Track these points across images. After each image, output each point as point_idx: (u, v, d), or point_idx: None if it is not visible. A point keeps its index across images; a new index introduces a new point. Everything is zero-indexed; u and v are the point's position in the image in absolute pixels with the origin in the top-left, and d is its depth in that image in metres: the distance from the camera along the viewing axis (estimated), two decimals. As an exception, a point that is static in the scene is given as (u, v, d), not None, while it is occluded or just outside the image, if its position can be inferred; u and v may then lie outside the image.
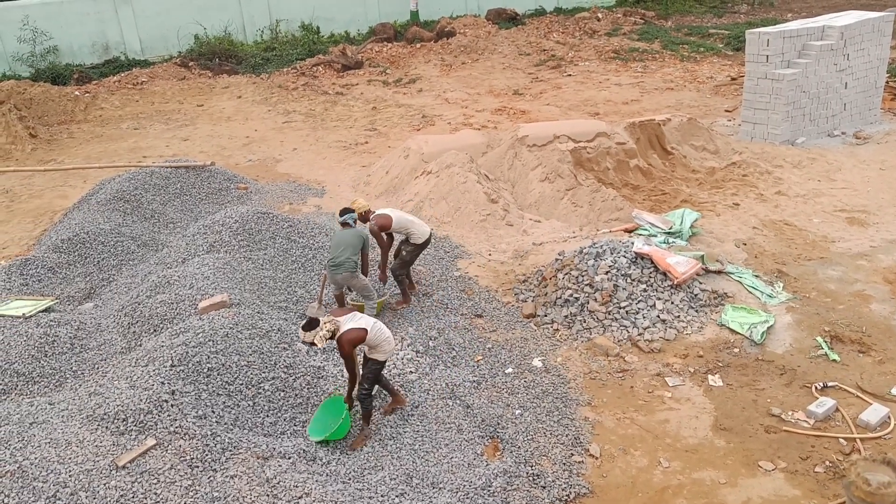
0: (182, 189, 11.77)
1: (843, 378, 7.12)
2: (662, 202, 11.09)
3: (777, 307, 8.24)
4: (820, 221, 10.33)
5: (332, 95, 18.90)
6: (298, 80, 20.18)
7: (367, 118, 16.93)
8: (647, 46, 21.85)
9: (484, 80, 19.72)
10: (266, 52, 22.59)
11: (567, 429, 6.59)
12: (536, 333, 8.12)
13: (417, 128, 15.97)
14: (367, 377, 6.34)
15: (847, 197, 11.07)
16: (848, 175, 11.87)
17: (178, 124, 17.24)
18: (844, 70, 13.41)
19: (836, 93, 13.50)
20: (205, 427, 5.88)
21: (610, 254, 8.50)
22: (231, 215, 9.44)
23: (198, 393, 6.28)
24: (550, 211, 10.96)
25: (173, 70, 21.15)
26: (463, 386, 7.07)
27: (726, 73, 18.70)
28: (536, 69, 20.46)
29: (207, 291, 7.97)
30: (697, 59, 20.49)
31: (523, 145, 11.76)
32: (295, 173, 13.67)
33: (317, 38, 23.55)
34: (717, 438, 6.49)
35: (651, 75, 19.16)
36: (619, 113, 15.86)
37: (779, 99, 12.97)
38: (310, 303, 8.56)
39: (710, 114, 15.54)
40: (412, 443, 6.34)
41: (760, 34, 13.07)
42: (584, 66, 20.49)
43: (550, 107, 16.82)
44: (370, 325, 6.28)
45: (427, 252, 9.93)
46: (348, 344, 6.12)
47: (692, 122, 12.99)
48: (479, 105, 17.35)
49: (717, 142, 12.96)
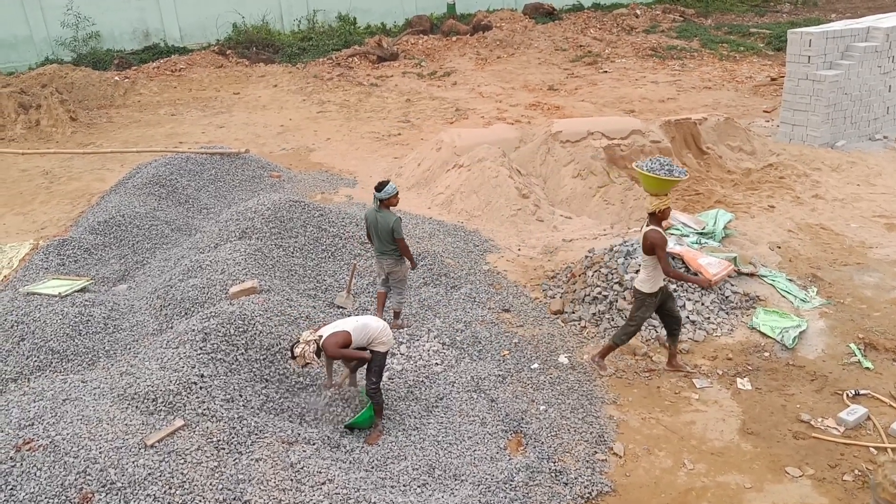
0: (216, 175, 11.92)
1: (876, 386, 6.99)
2: (696, 202, 10.97)
3: (810, 312, 8.11)
4: (858, 227, 10.13)
5: (367, 87, 18.96)
6: (334, 70, 20.29)
7: (401, 110, 16.96)
8: (685, 44, 21.58)
9: (519, 74, 19.64)
10: (303, 41, 22.74)
11: (591, 426, 6.56)
12: (563, 330, 8.09)
13: (451, 121, 15.96)
14: (374, 370, 6.31)
15: (887, 202, 10.84)
16: (888, 180, 11.62)
17: (214, 111, 17.44)
18: (889, 73, 13.11)
19: (880, 96, 13.21)
20: (232, 410, 5.96)
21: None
22: (263, 203, 9.53)
23: (226, 376, 6.37)
24: (582, 208, 10.90)
25: (211, 58, 21.40)
26: (488, 380, 7.06)
27: (766, 73, 18.40)
28: (572, 65, 20.32)
29: (238, 277, 8.07)
30: (737, 58, 20.18)
31: (556, 141, 11.70)
32: (328, 163, 13.76)
33: (353, 29, 23.65)
34: (743, 442, 6.41)
35: (689, 74, 18.92)
36: (655, 111, 15.69)
37: (819, 100, 12.73)
38: (338, 292, 8.62)
39: (747, 114, 15.30)
40: (436, 434, 6.36)
41: (803, 34, 12.83)
42: (620, 62, 20.30)
43: (585, 103, 16.70)
44: (352, 326, 6.22)
45: (457, 245, 9.95)
46: (333, 347, 6.06)
47: (729, 121, 12.81)
48: (513, 100, 17.29)
49: (755, 143, 12.77)
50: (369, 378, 6.36)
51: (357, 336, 6.22)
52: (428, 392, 6.91)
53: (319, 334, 6.15)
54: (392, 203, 7.69)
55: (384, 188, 7.58)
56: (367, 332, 6.29)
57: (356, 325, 6.28)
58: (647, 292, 6.87)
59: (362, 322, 6.36)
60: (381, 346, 6.38)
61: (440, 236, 10.19)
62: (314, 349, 6.02)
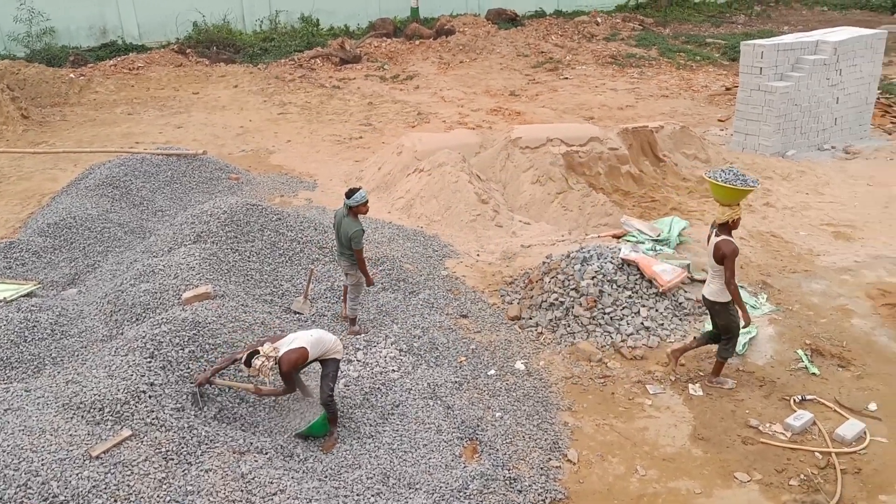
0: (172, 177, 11.74)
1: (821, 392, 7.16)
2: (652, 209, 11.13)
3: (760, 318, 8.28)
4: (806, 234, 10.38)
5: (329, 89, 18.86)
6: (296, 71, 20.14)
7: (363, 113, 16.90)
8: (644, 53, 21.89)
9: (481, 79, 19.72)
10: (264, 42, 22.52)
11: (546, 433, 6.60)
12: (520, 336, 8.13)
13: (413, 125, 15.96)
14: (331, 377, 6.29)
15: (834, 211, 11.13)
16: (836, 189, 11.93)
17: (172, 111, 17.18)
18: (836, 85, 13.48)
19: (828, 107, 13.57)
20: (182, 420, 5.87)
21: (597, 259, 8.52)
22: (220, 206, 9.40)
23: (177, 385, 6.27)
24: (540, 213, 10.98)
25: (170, 56, 21.07)
26: (445, 386, 7.06)
27: (721, 82, 18.76)
28: (534, 71, 20.47)
29: (192, 282, 7.95)
30: (693, 67, 20.54)
31: (516, 147, 11.77)
32: (288, 165, 13.65)
33: (316, 31, 23.50)
34: (694, 448, 6.52)
35: (647, 82, 19.19)
36: (614, 118, 15.89)
37: (771, 111, 13.02)
38: (295, 297, 8.55)
39: (703, 123, 15.58)
40: (391, 442, 6.34)
41: (755, 46, 13.12)
42: (581, 69, 20.51)
43: (546, 109, 16.84)
44: (308, 341, 6.20)
45: (416, 250, 9.95)
46: (287, 364, 6.02)
47: (685, 130, 13.03)
48: (474, 104, 17.35)
49: (709, 151, 13.01)
50: (326, 384, 6.33)
51: (313, 350, 6.21)
52: (384, 399, 6.88)
53: (278, 349, 6.09)
54: (361, 211, 7.64)
55: (354, 195, 7.53)
56: (322, 345, 6.30)
57: (311, 340, 6.26)
58: (724, 301, 6.87)
59: (316, 336, 6.35)
60: (337, 355, 6.41)
61: (399, 241, 10.17)
62: (272, 364, 5.96)
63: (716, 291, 6.89)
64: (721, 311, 6.96)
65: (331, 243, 9.29)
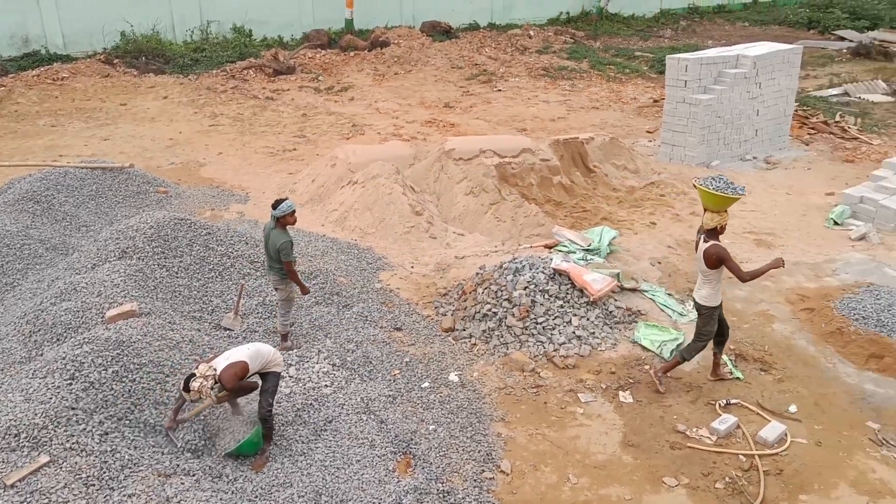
0: (97, 191, 11.39)
1: (745, 396, 7.40)
2: (583, 219, 11.33)
3: (687, 325, 8.50)
4: (730, 242, 10.69)
5: (262, 100, 18.62)
6: (228, 82, 19.81)
7: (297, 125, 16.74)
8: (575, 65, 22.34)
9: (416, 91, 19.77)
10: (195, 52, 22.08)
11: (480, 444, 6.63)
12: (454, 348, 8.16)
13: (347, 136, 15.88)
14: (270, 391, 6.21)
15: (756, 219, 11.55)
16: (758, 198, 12.38)
17: (98, 123, 16.68)
18: (756, 98, 14.01)
19: (749, 119, 14.09)
20: (104, 443, 5.68)
21: (529, 269, 8.62)
22: (146, 220, 9.16)
23: (99, 407, 6.06)
24: (474, 225, 11.05)
25: (97, 67, 20.48)
26: (378, 400, 7.03)
27: (649, 94, 19.28)
28: (468, 83, 20.64)
29: (116, 300, 7.72)
30: (623, 80, 21.05)
31: (450, 158, 11.84)
32: (219, 178, 13.40)
33: (249, 42, 23.17)
34: (624, 454, 6.64)
35: (578, 94, 19.58)
36: (546, 130, 16.14)
37: (695, 123, 13.45)
38: (225, 313, 8.38)
39: (632, 134, 15.97)
40: (323, 459, 6.26)
41: (679, 60, 13.54)
42: (514, 81, 20.79)
43: (479, 121, 16.99)
44: (246, 354, 6.12)
45: (350, 263, 9.89)
46: (231, 380, 5.92)
47: (614, 141, 13.33)
48: (409, 116, 17.38)
49: (638, 162, 13.34)
50: (265, 399, 6.24)
51: (253, 364, 6.12)
52: (316, 415, 6.80)
53: (215, 367, 5.96)
54: (288, 222, 7.56)
55: (279, 205, 7.47)
56: (261, 357, 6.22)
57: (250, 353, 6.16)
58: (712, 306, 7.13)
59: (254, 349, 6.26)
60: (277, 367, 6.36)
61: (333, 254, 10.10)
62: (211, 384, 5.84)
63: (706, 296, 7.14)
64: (705, 315, 7.20)
65: (262, 257, 9.16)
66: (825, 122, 16.31)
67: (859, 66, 22.47)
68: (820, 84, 20.32)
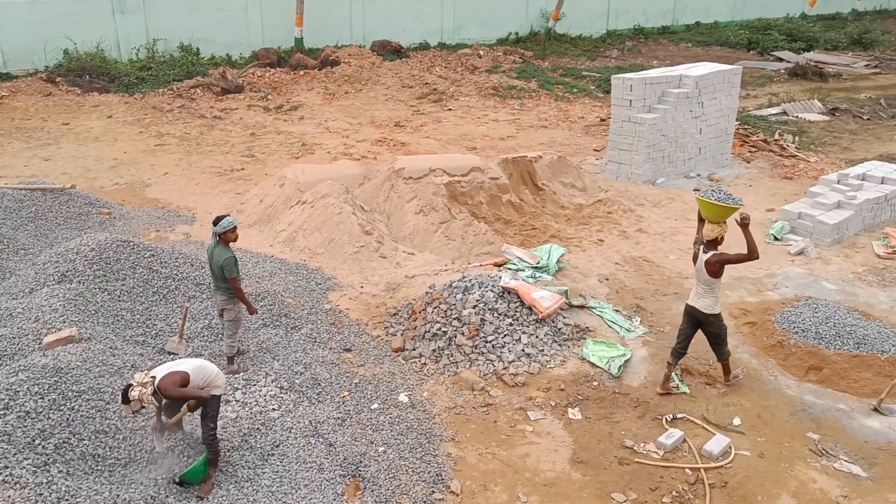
0: (37, 213, 11.07)
1: (690, 410, 7.52)
2: (532, 237, 11.43)
3: (634, 341, 8.64)
4: (675, 258, 10.94)
5: (210, 119, 18.39)
6: (174, 101, 19.52)
7: (245, 144, 16.57)
8: (524, 85, 22.63)
9: (366, 110, 19.77)
10: (141, 71, 21.71)
11: (429, 465, 6.60)
12: (404, 368, 8.12)
13: (297, 156, 15.77)
14: (211, 416, 6.07)
15: (701, 236, 11.78)
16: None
17: (39, 143, 16.24)
18: (699, 117, 14.38)
19: (692, 137, 14.44)
20: (39, 475, 5.48)
21: (478, 288, 8.65)
22: (87, 243, 8.94)
23: (35, 436, 5.85)
24: (424, 244, 11.06)
25: (38, 85, 19.99)
26: (327, 423, 6.95)
27: (596, 114, 19.62)
28: (418, 102, 20.73)
29: (55, 325, 7.50)
30: (571, 99, 21.40)
31: (399, 177, 11.85)
32: (165, 199, 13.16)
33: (196, 60, 22.88)
34: (574, 471, 6.68)
35: (527, 113, 19.82)
36: (496, 148, 16.28)
37: (641, 141, 13.73)
38: (170, 337, 8.21)
39: (579, 152, 16.22)
40: (270, 484, 6.15)
41: (625, 80, 13.83)
42: (464, 101, 20.95)
43: (430, 140, 17.06)
44: (190, 366, 6.00)
45: (298, 284, 9.79)
46: (173, 386, 5.78)
47: (562, 159, 13.51)
48: (360, 135, 17.36)
49: (585, 179, 13.53)
50: (206, 425, 6.09)
51: (195, 377, 5.97)
52: (263, 440, 6.69)
53: (153, 375, 5.82)
54: (230, 238, 7.46)
55: (220, 222, 7.40)
56: (204, 373, 6.08)
57: (194, 366, 6.03)
58: (718, 312, 7.52)
59: (199, 363, 6.14)
60: (217, 390, 6.19)
61: (281, 275, 9.99)
62: (151, 391, 5.69)
63: (711, 304, 7.48)
64: (714, 322, 7.55)
65: (208, 279, 9.00)
66: (765, 140, 16.82)
67: (796, 86, 23.27)
68: (760, 103, 20.98)
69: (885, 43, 30.70)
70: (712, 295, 7.43)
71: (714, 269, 7.24)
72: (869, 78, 25.11)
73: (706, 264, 7.27)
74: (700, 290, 7.48)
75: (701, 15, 33.66)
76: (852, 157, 16.06)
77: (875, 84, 24.14)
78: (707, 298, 7.45)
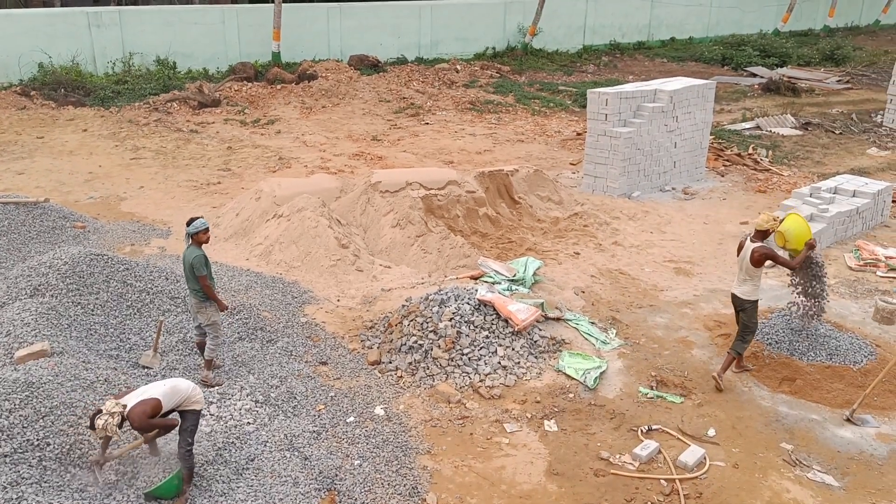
0: (10, 227, 10.94)
1: (665, 421, 7.58)
2: (509, 250, 11.49)
3: (610, 353, 8.69)
4: (651, 271, 11.05)
5: (186, 133, 18.31)
6: (150, 115, 19.41)
7: (222, 158, 16.50)
8: (501, 99, 22.79)
9: (343, 124, 19.80)
10: (117, 84, 21.58)
11: (405, 478, 6.58)
12: (380, 381, 8.11)
13: (274, 170, 15.74)
14: (189, 430, 6.04)
15: (675, 248, 11.93)
16: (676, 228, 12.81)
17: (13, 157, 16.06)
18: (674, 131, 14.57)
19: (667, 151, 14.62)
20: (10, 491, 5.39)
21: (454, 300, 8.68)
22: (60, 256, 8.85)
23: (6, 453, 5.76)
24: (401, 257, 11.07)
25: (12, 98, 19.79)
26: (303, 436, 6.92)
27: (573, 128, 19.80)
28: (395, 116, 20.80)
29: (27, 339, 7.41)
30: (547, 113, 21.58)
31: (376, 191, 11.86)
32: (140, 213, 13.07)
33: (173, 74, 22.80)
34: (549, 483, 6.69)
35: (504, 127, 19.96)
36: (473, 162, 16.36)
37: (616, 155, 13.87)
38: (144, 351, 8.13)
39: (556, 166, 16.34)
40: (245, 499, 6.10)
41: (600, 94, 13.99)
42: (441, 115, 21.05)
43: (407, 154, 17.11)
44: (160, 391, 5.94)
45: (274, 297, 9.75)
46: (142, 417, 5.73)
47: (538, 173, 13.61)
48: (337, 149, 17.37)
49: (562, 193, 13.64)
50: (184, 439, 6.05)
51: (167, 401, 5.92)
52: (238, 454, 6.64)
53: (124, 403, 5.76)
54: (201, 239, 7.58)
55: (193, 223, 7.53)
56: (178, 394, 6.02)
57: (165, 390, 5.97)
58: (756, 300, 8.02)
59: (170, 385, 6.07)
60: (196, 405, 6.16)
61: (257, 288, 9.95)
62: (118, 421, 5.63)
63: (749, 291, 8.02)
64: (750, 309, 8.04)
65: (182, 292, 8.94)
66: (739, 154, 17.07)
67: (770, 101, 23.65)
68: (734, 118, 21.29)
69: (856, 59, 31.32)
70: (752, 283, 7.97)
71: (758, 258, 7.75)
72: (841, 93, 25.59)
73: (752, 252, 7.79)
74: (741, 277, 8.04)
75: (676, 31, 34.16)
76: (824, 171, 16.34)
77: (847, 99, 24.61)
78: (746, 286, 7.99)
